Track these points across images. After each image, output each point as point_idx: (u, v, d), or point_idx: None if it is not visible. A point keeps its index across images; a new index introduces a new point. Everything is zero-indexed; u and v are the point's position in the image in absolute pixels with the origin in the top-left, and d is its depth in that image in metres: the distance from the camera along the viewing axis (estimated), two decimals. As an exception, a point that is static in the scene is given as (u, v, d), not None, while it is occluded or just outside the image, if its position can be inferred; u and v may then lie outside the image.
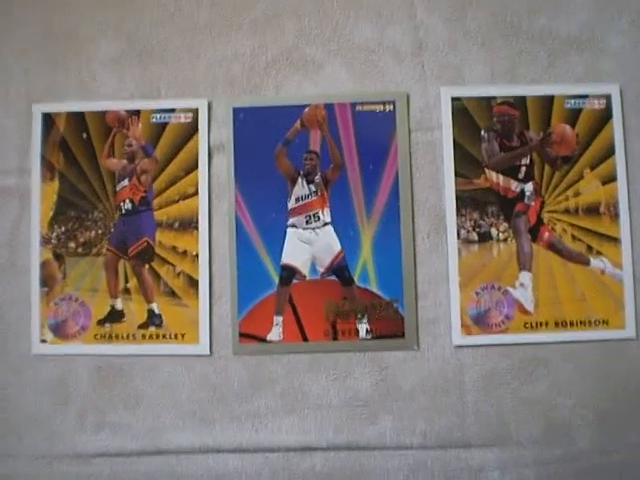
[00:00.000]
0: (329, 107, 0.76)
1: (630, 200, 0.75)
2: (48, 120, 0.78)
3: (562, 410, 0.75)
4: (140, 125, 0.77)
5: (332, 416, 0.75)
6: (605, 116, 0.76)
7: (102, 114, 0.77)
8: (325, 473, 0.74)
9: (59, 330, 0.76)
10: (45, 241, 0.77)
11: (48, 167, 0.77)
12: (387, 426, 0.74)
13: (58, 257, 0.76)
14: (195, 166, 0.76)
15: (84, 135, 0.77)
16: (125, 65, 0.78)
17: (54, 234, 0.76)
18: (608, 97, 0.76)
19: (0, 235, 0.78)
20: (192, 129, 0.76)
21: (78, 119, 0.77)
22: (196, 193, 0.75)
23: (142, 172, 0.76)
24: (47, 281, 0.76)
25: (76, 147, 0.77)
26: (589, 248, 0.75)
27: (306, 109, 0.76)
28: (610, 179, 0.75)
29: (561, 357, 0.75)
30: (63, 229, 0.77)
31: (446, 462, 0.74)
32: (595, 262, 0.74)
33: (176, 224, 0.76)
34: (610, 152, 0.75)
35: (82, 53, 0.79)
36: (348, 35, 0.77)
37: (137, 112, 0.77)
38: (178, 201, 0.76)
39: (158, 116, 0.76)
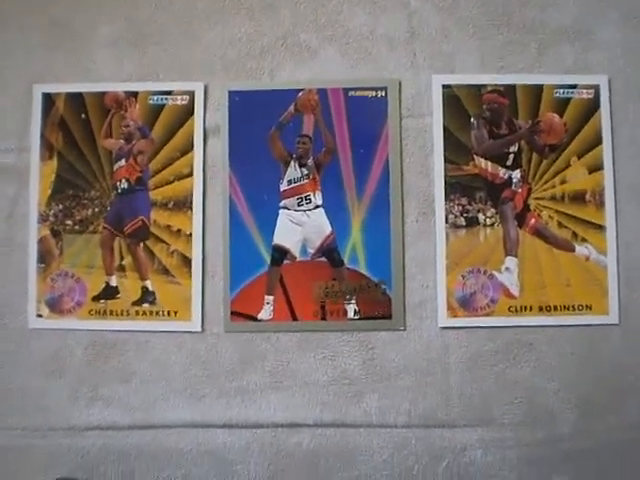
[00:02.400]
0: (322, 92, 0.77)
1: (616, 188, 0.77)
2: (48, 100, 0.79)
3: (545, 393, 0.76)
4: (138, 106, 0.78)
5: (320, 394, 0.76)
6: (593, 106, 0.77)
7: (101, 95, 0.79)
8: (312, 449, 0.76)
9: (55, 305, 0.78)
10: (43, 218, 0.78)
11: (47, 146, 0.79)
12: (373, 405, 0.76)
13: (55, 234, 0.78)
14: (190, 147, 0.78)
15: (83, 115, 0.79)
16: (124, 48, 0.80)
17: (52, 211, 0.78)
18: (596, 88, 0.78)
19: (-1, 212, 0.79)
20: (188, 111, 0.78)
21: (77, 100, 0.79)
22: (191, 174, 0.77)
23: (139, 152, 0.78)
24: (44, 257, 0.78)
25: (75, 127, 0.79)
26: (574, 235, 0.76)
27: (300, 94, 0.77)
28: (596, 168, 0.77)
29: (545, 341, 0.76)
30: (61, 207, 0.78)
31: (430, 441, 0.76)
32: (580, 249, 0.76)
33: (171, 204, 0.77)
34: (597, 141, 0.77)
35: (82, 35, 0.81)
36: (343, 22, 0.79)
37: (135, 94, 0.78)
38: (173, 181, 0.78)
39: (155, 98, 0.78)
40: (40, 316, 0.77)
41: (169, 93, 0.78)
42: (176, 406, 0.77)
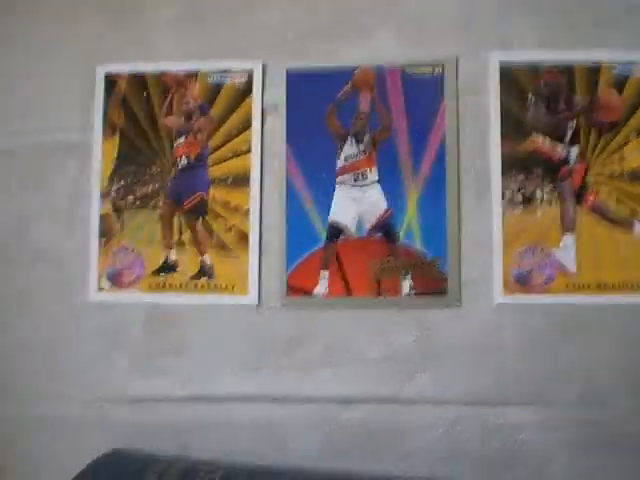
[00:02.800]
0: (379, 70, 0.78)
1: (676, 166, 0.75)
2: (110, 80, 0.82)
3: (600, 373, 0.75)
4: (197, 85, 0.80)
5: (373, 370, 0.77)
6: (653, 83, 0.76)
7: (161, 75, 0.81)
8: (364, 425, 0.77)
9: (115, 279, 0.80)
10: (105, 194, 0.81)
11: (110, 124, 0.81)
12: (426, 382, 0.76)
13: (117, 209, 0.80)
14: (248, 125, 0.79)
15: (144, 94, 0.81)
16: (184, 28, 0.82)
17: (113, 188, 0.81)
18: (657, 65, 0.76)
19: (62, 188, 0.82)
20: (247, 90, 0.79)
21: (139, 79, 0.82)
22: (249, 151, 0.79)
23: (198, 130, 0.80)
24: (106, 232, 0.80)
25: (136, 106, 0.81)
26: (633, 212, 0.75)
27: (356, 71, 0.78)
28: (656, 145, 0.76)
29: (601, 320, 0.75)
30: (122, 183, 0.81)
31: (483, 419, 0.76)
32: (639, 226, 0.75)
33: (229, 180, 0.79)
34: (657, 119, 0.76)
35: (143, 17, 0.83)
36: (399, 1, 0.79)
37: (195, 73, 0.80)
38: (231, 158, 0.79)
39: (214, 77, 0.80)
40: (102, 289, 0.80)
41: (228, 72, 0.79)
42: (232, 379, 0.78)
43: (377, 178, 0.77)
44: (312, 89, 0.78)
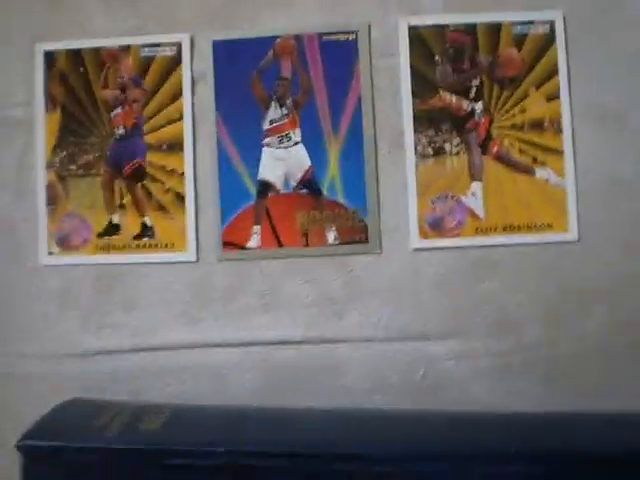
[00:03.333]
0: (299, 37, 0.84)
1: (572, 115, 0.83)
2: (49, 57, 0.87)
3: (511, 306, 0.83)
4: (130, 59, 0.86)
5: (305, 313, 0.84)
6: (549, 40, 0.83)
7: (97, 50, 0.86)
8: (299, 364, 0.84)
9: (64, 243, 0.86)
10: (49, 165, 0.86)
11: (51, 99, 0.87)
12: (353, 322, 0.84)
13: (61, 178, 0.86)
14: (180, 95, 0.85)
15: (81, 70, 0.87)
16: (116, 5, 0.87)
17: (57, 158, 0.86)
18: (552, 23, 0.84)
19: (10, 161, 0.88)
20: (176, 62, 0.85)
21: (76, 56, 0.87)
22: (181, 118, 0.85)
23: (133, 101, 0.85)
24: (52, 200, 0.86)
25: (75, 81, 0.87)
26: (534, 160, 0.83)
27: (278, 40, 0.84)
28: (554, 97, 0.83)
29: (509, 258, 0.83)
30: (65, 154, 0.86)
31: (407, 353, 0.83)
32: (540, 172, 0.83)
33: (164, 146, 0.85)
34: (554, 72, 0.83)
35: (78, -3, 0.88)
36: (316, -28, 0.85)
37: (127, 47, 0.86)
38: (166, 126, 0.85)
39: (146, 50, 0.85)
40: (51, 253, 0.86)
41: (158, 45, 0.85)
42: (176, 329, 0.85)
43: (300, 139, 0.84)
44: (237, 58, 0.84)
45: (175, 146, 0.84)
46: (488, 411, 0.78)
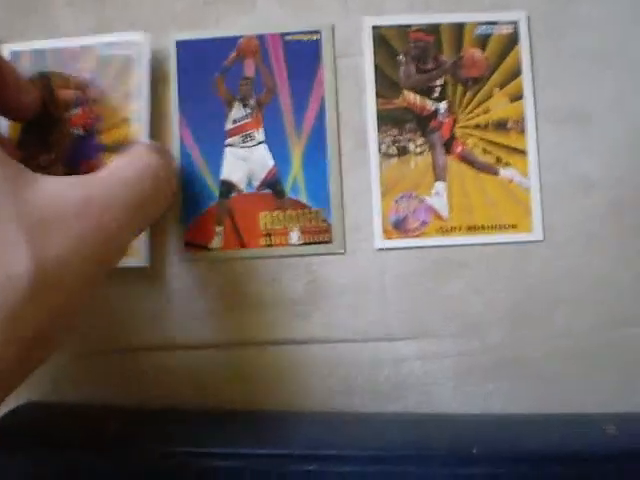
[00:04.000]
0: (262, 38, 0.84)
1: (536, 115, 0.83)
2: (15, 57, 0.86)
3: (476, 307, 0.82)
4: (91, 59, 0.85)
5: (268, 314, 0.83)
6: (513, 41, 0.84)
7: (60, 50, 0.86)
8: (263, 365, 0.83)
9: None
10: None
11: (13, 99, 0.86)
12: (317, 323, 0.83)
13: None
14: (139, 95, 0.84)
15: (45, 69, 0.86)
16: (80, 6, 0.87)
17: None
18: (516, 23, 0.84)
19: None
20: (137, 61, 0.85)
21: (40, 56, 0.86)
22: (140, 119, 0.84)
23: (93, 101, 0.85)
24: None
25: (38, 81, 0.86)
26: (498, 160, 0.82)
27: (241, 40, 0.84)
28: (517, 97, 0.83)
29: (474, 259, 0.82)
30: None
31: (371, 353, 0.82)
32: (504, 172, 0.82)
33: (122, 147, 0.84)
34: (517, 73, 0.83)
35: (43, -3, 0.88)
36: (279, -27, 0.85)
37: (88, 47, 0.85)
38: (123, 125, 0.84)
39: (106, 49, 0.85)
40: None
41: (118, 44, 0.85)
42: (139, 331, 0.84)
43: (264, 138, 0.83)
44: (200, 58, 0.84)
45: (138, 146, 0.83)
46: (452, 413, 0.78)
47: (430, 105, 0.84)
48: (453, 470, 0.66)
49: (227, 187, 0.83)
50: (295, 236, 0.83)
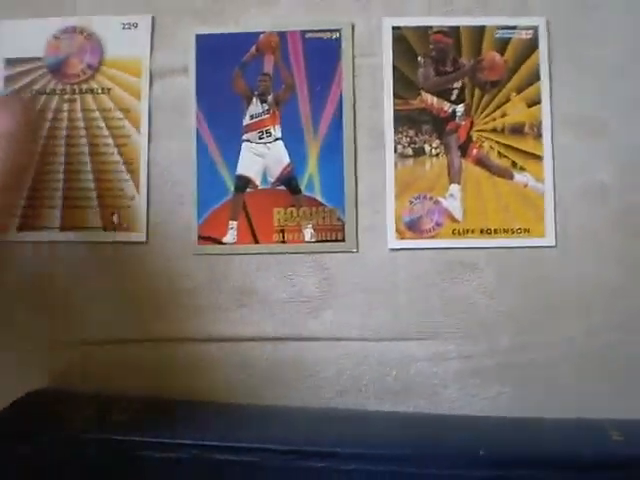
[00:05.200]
0: (282, 34, 0.84)
1: (552, 121, 0.83)
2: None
3: (485, 310, 0.83)
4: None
5: (279, 310, 0.84)
6: (532, 46, 0.84)
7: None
8: (273, 360, 0.83)
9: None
10: None
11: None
12: (328, 320, 0.83)
13: None
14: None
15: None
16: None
17: None
18: (535, 29, 0.84)
19: None
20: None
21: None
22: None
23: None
24: None
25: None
26: (514, 164, 0.83)
27: (261, 36, 0.84)
28: (534, 102, 0.83)
29: (485, 262, 0.83)
30: None
31: (381, 352, 0.83)
32: (519, 177, 0.83)
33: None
34: (535, 78, 0.83)
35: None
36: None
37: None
38: (145, 118, 0.85)
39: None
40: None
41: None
42: (151, 323, 0.84)
43: (280, 135, 0.84)
44: (220, 53, 0.84)
45: (155, 138, 0.84)
46: (458, 414, 0.78)
47: (447, 107, 0.84)
48: (460, 472, 0.67)
49: (243, 182, 0.84)
50: (309, 233, 0.84)
